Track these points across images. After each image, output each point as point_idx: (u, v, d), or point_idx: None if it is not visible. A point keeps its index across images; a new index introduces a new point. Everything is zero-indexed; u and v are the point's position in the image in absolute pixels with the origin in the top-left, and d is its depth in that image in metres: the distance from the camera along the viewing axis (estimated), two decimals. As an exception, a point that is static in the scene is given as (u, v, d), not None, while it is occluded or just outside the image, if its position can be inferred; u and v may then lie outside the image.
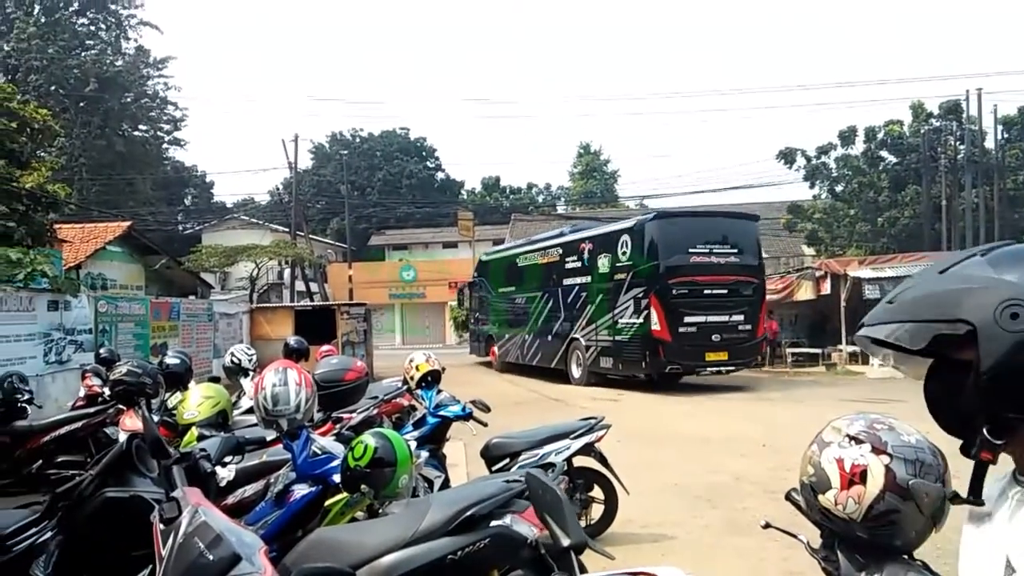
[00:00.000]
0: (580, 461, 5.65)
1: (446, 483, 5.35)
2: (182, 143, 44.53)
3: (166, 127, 42.20)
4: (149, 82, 40.32)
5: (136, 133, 39.98)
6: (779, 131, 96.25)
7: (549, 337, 18.25)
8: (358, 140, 53.47)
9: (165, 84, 41.28)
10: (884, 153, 28.64)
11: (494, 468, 5.21)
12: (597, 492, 5.69)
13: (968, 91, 26.61)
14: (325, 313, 19.73)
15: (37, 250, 12.33)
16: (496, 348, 21.62)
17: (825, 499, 1.76)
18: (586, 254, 16.93)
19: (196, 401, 4.64)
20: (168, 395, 6.26)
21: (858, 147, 28.69)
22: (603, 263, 16.15)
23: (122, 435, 4.92)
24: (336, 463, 3.45)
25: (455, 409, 5.73)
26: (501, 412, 6.96)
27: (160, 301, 15.89)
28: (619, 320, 15.44)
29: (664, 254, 14.71)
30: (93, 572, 3.29)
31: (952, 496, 1.59)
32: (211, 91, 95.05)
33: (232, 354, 7.74)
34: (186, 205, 49.54)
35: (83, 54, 37.21)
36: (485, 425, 5.83)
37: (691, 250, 14.82)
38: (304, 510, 3.51)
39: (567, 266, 17.68)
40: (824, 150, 29.21)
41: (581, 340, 16.80)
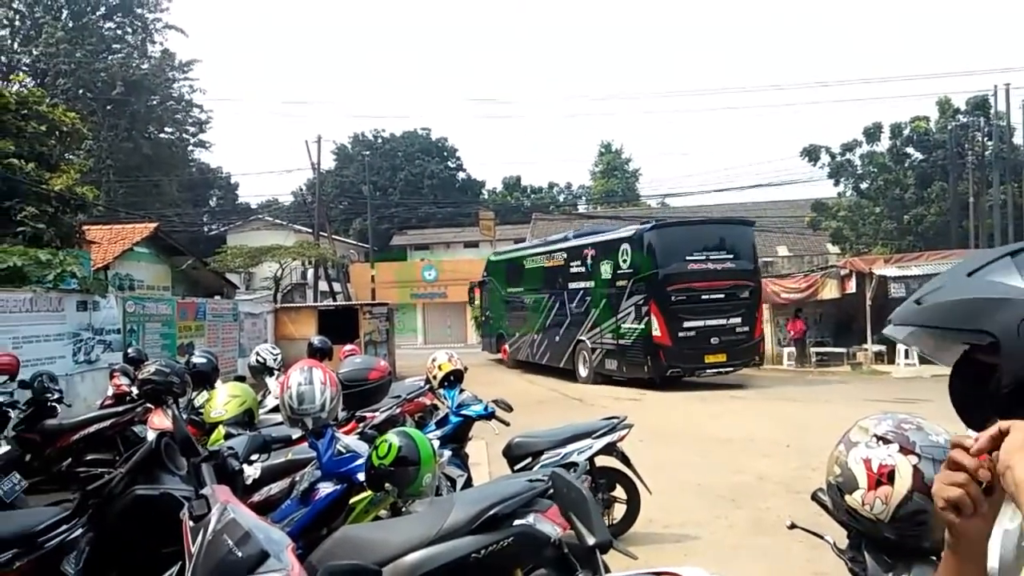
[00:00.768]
0: (602, 461, 5.64)
1: (468, 482, 5.36)
2: (207, 145, 44.97)
3: (191, 129, 42.60)
4: (174, 85, 40.73)
5: (162, 135, 40.43)
6: (804, 128, 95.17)
7: (557, 338, 18.93)
8: (380, 141, 53.67)
9: (190, 87, 41.71)
10: (910, 150, 28.18)
11: (516, 467, 5.22)
12: (619, 492, 5.69)
13: (996, 86, 26.14)
14: (348, 313, 19.82)
15: (66, 251, 12.53)
16: (507, 346, 22.30)
17: (852, 499, 1.75)
18: (589, 260, 17.61)
19: (223, 400, 4.69)
20: (195, 394, 6.34)
21: (884, 144, 28.28)
22: (605, 269, 16.85)
23: (150, 433, 4.99)
24: (360, 462, 3.47)
25: (477, 408, 5.75)
26: (523, 411, 6.98)
27: (186, 301, 16.07)
28: (622, 325, 16.12)
29: (662, 262, 15.40)
30: (123, 568, 3.34)
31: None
32: (235, 93, 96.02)
33: (257, 353, 7.81)
34: (211, 206, 50.05)
35: (110, 58, 37.67)
36: (507, 424, 5.84)
37: (688, 257, 15.53)
38: (329, 508, 3.53)
39: (572, 270, 18.38)
40: (849, 147, 28.81)
41: (587, 342, 17.46)
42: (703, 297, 15.40)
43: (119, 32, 39.99)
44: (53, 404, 7.62)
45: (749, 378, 16.36)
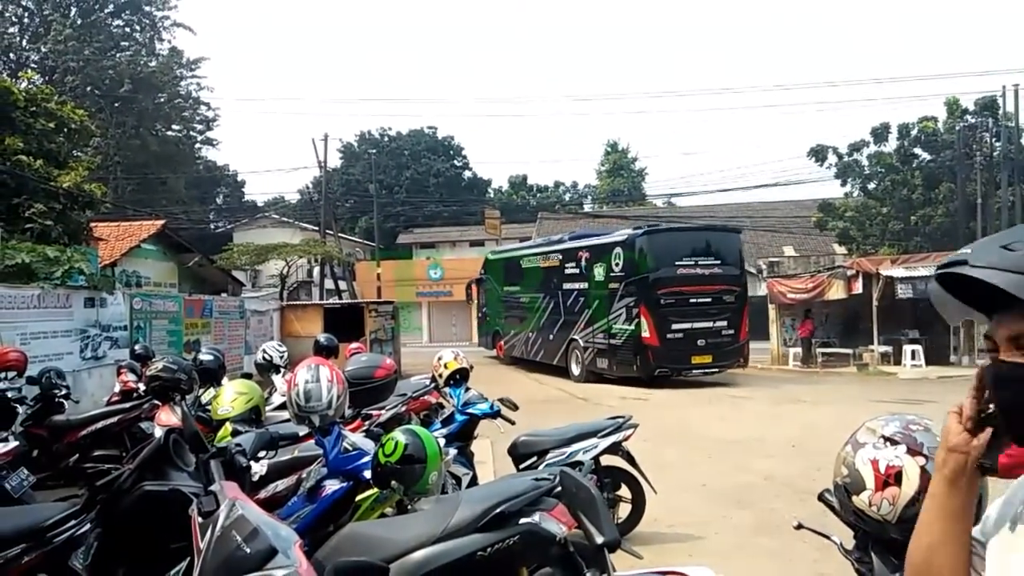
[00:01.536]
0: (608, 460, 5.64)
1: (474, 480, 5.37)
2: (214, 143, 45.00)
3: (199, 127, 42.67)
4: (182, 83, 40.79)
5: (169, 133, 40.51)
6: (811, 128, 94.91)
7: (551, 336, 19.42)
8: (386, 139, 53.66)
9: (198, 84, 41.75)
10: (918, 150, 28.12)
11: (522, 466, 5.22)
12: (624, 491, 5.68)
13: (1004, 87, 26.08)
14: (354, 311, 19.91)
15: (74, 248, 12.61)
16: (503, 343, 22.81)
17: (859, 500, 1.75)
18: (583, 261, 18.10)
19: (230, 397, 4.70)
20: (202, 391, 6.36)
21: (891, 144, 28.22)
22: (598, 272, 17.37)
23: (157, 430, 5.01)
24: (367, 459, 3.48)
25: (483, 407, 5.76)
26: (528, 410, 6.98)
27: (193, 298, 16.13)
28: (613, 326, 16.65)
29: (653, 266, 16.00)
30: (131, 564, 3.36)
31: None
32: (243, 91, 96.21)
33: (264, 351, 7.82)
34: (218, 204, 50.12)
35: (118, 55, 37.75)
36: (513, 423, 5.84)
37: (678, 262, 16.10)
38: (335, 505, 3.54)
39: (566, 271, 18.84)
40: (856, 147, 28.74)
41: (580, 341, 17.96)
42: (691, 300, 16.01)
43: (127, 30, 40.10)
44: (60, 400, 7.68)
45: (754, 378, 16.39)
